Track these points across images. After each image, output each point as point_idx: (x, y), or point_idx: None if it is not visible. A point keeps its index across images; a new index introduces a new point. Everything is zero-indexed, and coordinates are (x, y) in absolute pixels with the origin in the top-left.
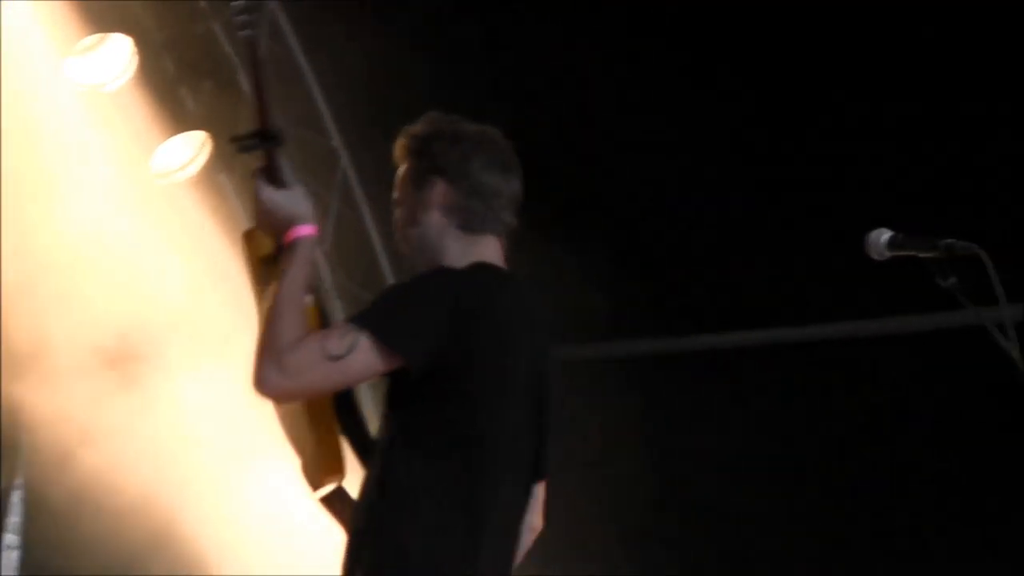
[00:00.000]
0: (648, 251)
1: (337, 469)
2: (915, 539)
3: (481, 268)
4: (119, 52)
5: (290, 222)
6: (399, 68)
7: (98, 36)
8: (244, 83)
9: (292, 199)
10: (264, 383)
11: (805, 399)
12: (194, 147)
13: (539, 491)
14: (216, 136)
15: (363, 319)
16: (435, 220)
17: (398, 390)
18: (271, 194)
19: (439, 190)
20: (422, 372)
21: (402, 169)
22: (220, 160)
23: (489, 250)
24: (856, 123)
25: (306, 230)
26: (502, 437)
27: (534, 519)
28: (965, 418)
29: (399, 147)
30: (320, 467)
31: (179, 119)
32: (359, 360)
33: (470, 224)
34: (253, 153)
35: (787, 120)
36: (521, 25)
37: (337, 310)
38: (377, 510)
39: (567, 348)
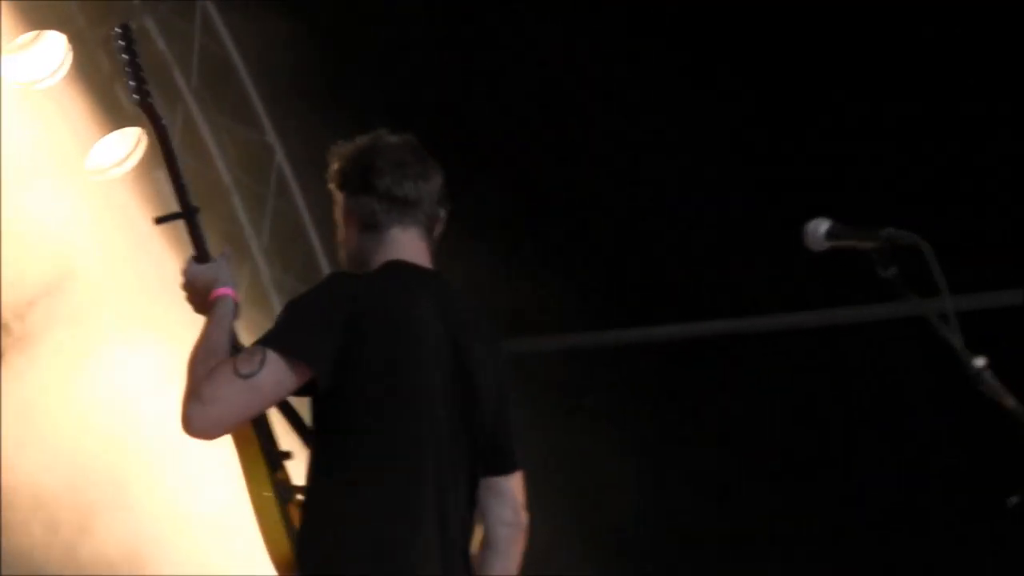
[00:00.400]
0: (638, 244)
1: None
2: (918, 530)
3: (386, 267)
4: (54, 49)
5: (210, 288)
6: (328, 59)
7: (33, 33)
8: (179, 80)
9: (213, 269)
10: (189, 419)
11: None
12: (129, 144)
13: (510, 484)
14: (151, 133)
15: (268, 336)
16: (350, 233)
17: (316, 407)
18: (193, 268)
19: (344, 204)
20: (330, 380)
21: None
22: (155, 157)
23: (399, 246)
24: (856, 122)
25: (224, 291)
26: (408, 438)
27: (504, 513)
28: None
29: None
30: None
31: (115, 116)
32: (270, 375)
33: (373, 222)
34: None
35: (786, 119)
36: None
37: (275, 304)
38: (304, 531)
39: (538, 340)
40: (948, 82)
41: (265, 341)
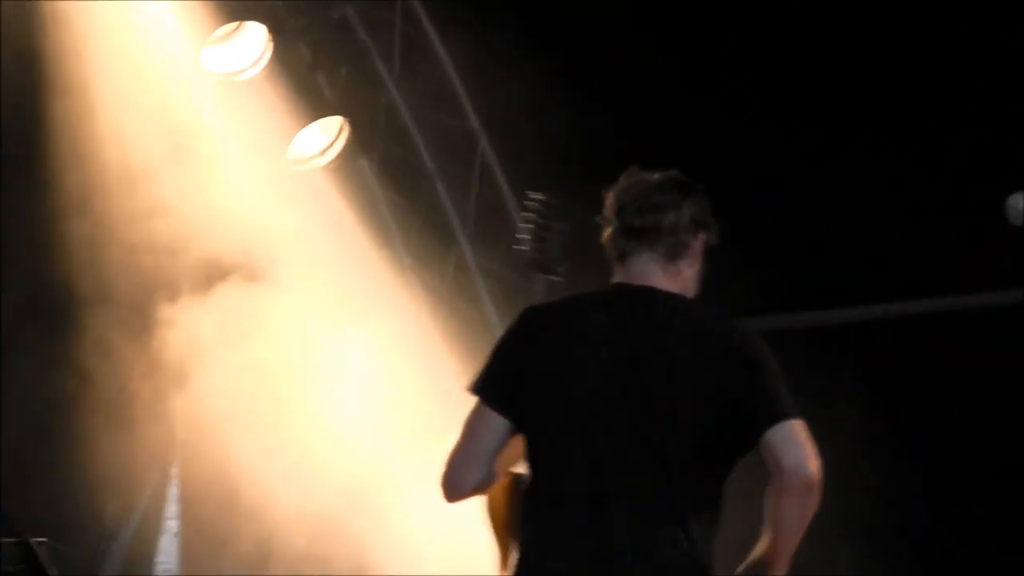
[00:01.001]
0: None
1: None
2: None
3: (590, 292)
4: (254, 40)
5: None
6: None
7: (233, 25)
8: (381, 68)
9: None
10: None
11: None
12: (331, 133)
13: (769, 438)
14: (353, 122)
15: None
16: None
17: None
18: None
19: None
20: (509, 411)
21: None
22: (358, 145)
23: (627, 271)
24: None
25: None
26: (555, 458)
27: (769, 464)
28: None
29: None
30: None
31: (316, 106)
32: (471, 417)
33: (612, 253)
34: None
35: (981, 92)
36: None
37: (481, 289)
38: None
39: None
40: None
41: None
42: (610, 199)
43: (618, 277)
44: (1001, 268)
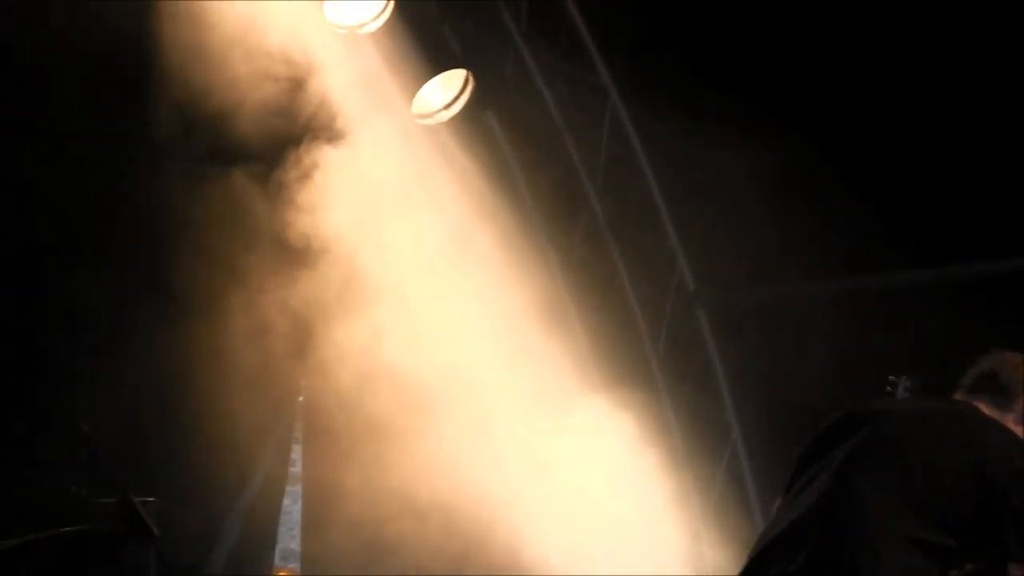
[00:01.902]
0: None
1: None
2: None
3: None
4: None
5: None
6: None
7: None
8: (509, 22)
9: None
10: None
11: None
12: (456, 87)
13: None
14: (479, 75)
15: None
16: None
17: None
18: None
19: None
20: None
21: None
22: (484, 99)
23: None
24: None
25: None
26: None
27: None
28: None
29: None
30: None
31: (441, 58)
32: None
33: None
34: None
35: None
36: None
37: (612, 247)
38: None
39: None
40: None
41: None
42: None
43: None
44: None
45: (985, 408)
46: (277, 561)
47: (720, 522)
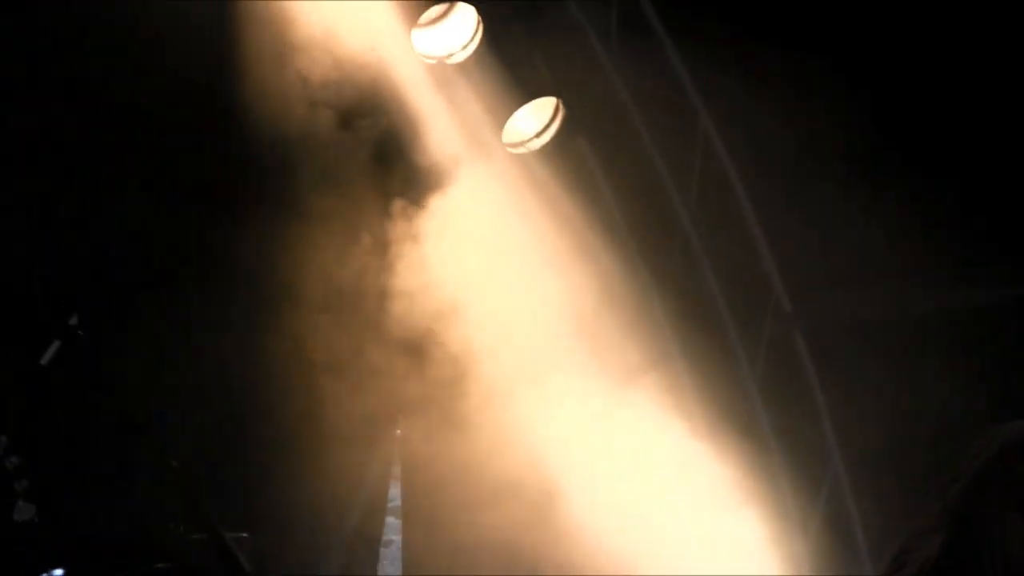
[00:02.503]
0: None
1: None
2: None
3: None
4: (465, 22)
5: None
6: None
7: (444, 6)
8: (596, 45)
9: None
10: None
11: None
12: (546, 114)
13: None
14: (568, 102)
15: None
16: None
17: None
18: None
19: None
20: None
21: None
22: (577, 125)
23: None
24: None
25: None
26: None
27: None
28: None
29: None
30: None
31: (530, 86)
32: None
33: None
34: None
35: None
36: None
37: (708, 273)
38: None
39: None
40: None
41: None
42: None
43: None
44: None
45: None
46: None
47: (821, 551)
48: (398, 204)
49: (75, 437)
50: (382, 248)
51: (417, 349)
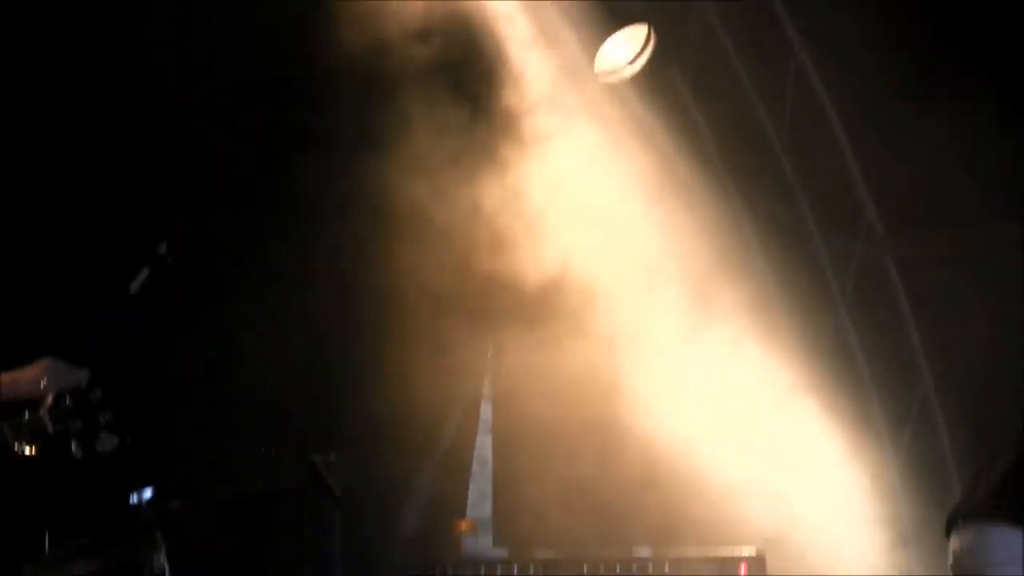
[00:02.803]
0: None
1: None
2: None
3: None
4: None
5: None
6: None
7: None
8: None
9: None
10: None
11: None
12: (638, 42)
13: None
14: (660, 30)
15: None
16: None
17: None
18: None
19: None
20: None
21: None
22: (668, 53)
23: None
24: None
25: None
26: None
27: None
28: None
29: None
30: None
31: (621, 15)
32: None
33: None
34: None
35: None
36: None
37: (801, 202)
38: None
39: None
40: None
41: None
42: None
43: None
44: None
45: None
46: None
47: (912, 467)
48: (493, 139)
49: (165, 366)
50: (474, 178)
51: (510, 274)
